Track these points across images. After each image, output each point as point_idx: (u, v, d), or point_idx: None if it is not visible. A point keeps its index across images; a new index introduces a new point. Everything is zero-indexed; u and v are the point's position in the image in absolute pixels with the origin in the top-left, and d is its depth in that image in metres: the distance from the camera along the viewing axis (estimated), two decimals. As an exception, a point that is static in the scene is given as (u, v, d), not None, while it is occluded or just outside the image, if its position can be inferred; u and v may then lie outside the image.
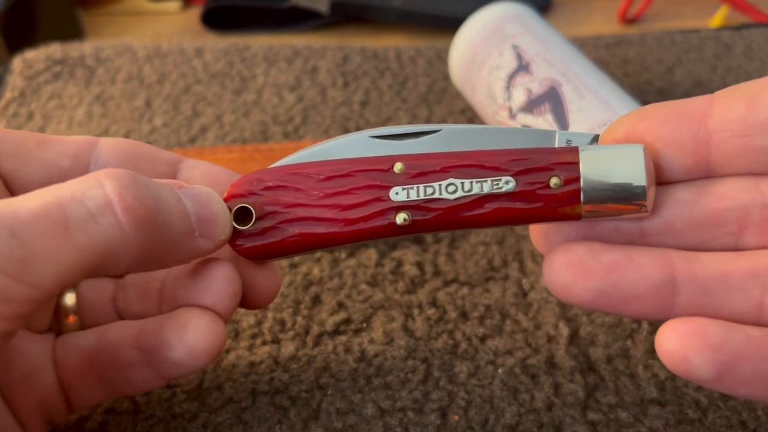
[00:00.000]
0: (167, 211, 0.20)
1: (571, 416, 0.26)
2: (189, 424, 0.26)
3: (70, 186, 0.19)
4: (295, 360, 0.28)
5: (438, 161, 0.22)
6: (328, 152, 0.23)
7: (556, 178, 0.21)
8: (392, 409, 0.26)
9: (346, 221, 0.22)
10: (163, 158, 0.25)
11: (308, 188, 0.22)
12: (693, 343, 0.19)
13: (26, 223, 0.18)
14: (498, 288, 0.31)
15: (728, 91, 0.21)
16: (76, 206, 0.19)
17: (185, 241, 0.21)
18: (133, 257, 0.20)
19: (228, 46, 0.47)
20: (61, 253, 0.18)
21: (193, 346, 0.22)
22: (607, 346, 0.28)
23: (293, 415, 0.26)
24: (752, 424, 0.25)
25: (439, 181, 0.22)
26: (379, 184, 0.22)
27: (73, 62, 0.46)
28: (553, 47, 0.35)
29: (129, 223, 0.19)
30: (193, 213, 0.21)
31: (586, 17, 0.56)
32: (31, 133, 0.24)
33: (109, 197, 0.19)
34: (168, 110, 0.42)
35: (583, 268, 0.21)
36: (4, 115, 0.42)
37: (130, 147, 0.24)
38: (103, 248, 0.19)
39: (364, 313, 0.30)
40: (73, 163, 0.23)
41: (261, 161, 0.36)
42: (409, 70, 0.45)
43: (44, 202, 0.18)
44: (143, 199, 0.20)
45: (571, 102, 0.32)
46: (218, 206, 0.22)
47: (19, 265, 0.18)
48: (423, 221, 0.22)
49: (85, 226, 0.19)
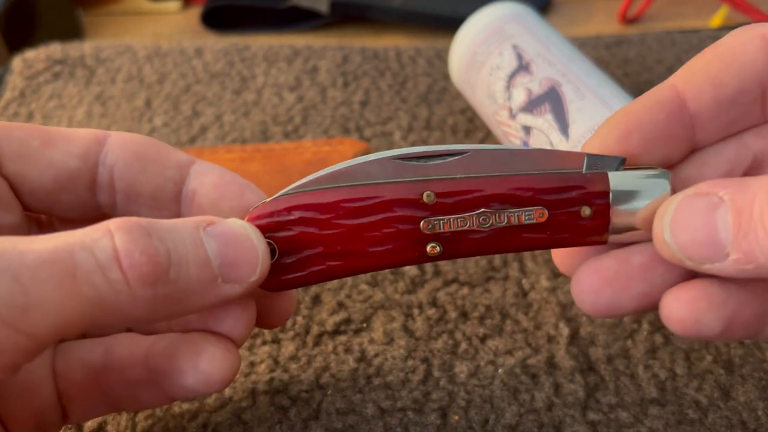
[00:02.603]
0: (182, 263, 0.19)
1: (571, 416, 0.26)
2: (189, 424, 0.26)
3: (80, 234, 0.18)
4: (295, 360, 0.28)
5: (470, 191, 0.21)
6: (351, 175, 0.21)
7: (587, 209, 0.21)
8: (392, 409, 0.26)
9: (374, 254, 0.21)
10: (174, 160, 0.23)
11: (333, 220, 0.21)
12: (701, 306, 0.21)
13: (32, 268, 0.17)
14: (498, 288, 0.31)
15: (688, 75, 0.22)
16: (86, 255, 0.17)
17: (206, 290, 0.20)
18: (142, 312, 0.19)
19: (228, 46, 0.47)
20: (63, 304, 0.17)
21: (207, 374, 0.22)
22: (607, 346, 0.28)
23: (293, 415, 0.26)
24: (752, 424, 0.25)
25: (471, 211, 0.21)
26: (409, 215, 0.21)
27: (73, 62, 0.46)
28: (553, 47, 0.35)
29: (134, 280, 0.18)
30: (218, 257, 0.20)
31: (586, 17, 0.56)
32: (37, 128, 0.22)
33: (117, 251, 0.18)
34: (168, 110, 0.42)
35: (622, 280, 0.22)
36: (4, 115, 0.42)
37: (138, 147, 0.23)
38: (108, 303, 0.18)
39: (364, 313, 0.30)
40: (81, 163, 0.22)
41: (261, 161, 0.36)
42: (409, 70, 0.45)
43: (53, 247, 0.17)
44: (153, 255, 0.18)
45: (571, 102, 0.32)
46: (251, 246, 0.20)
47: (19, 312, 0.16)
48: (454, 250, 0.22)
49: (93, 278, 0.17)
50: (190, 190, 0.23)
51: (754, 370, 0.27)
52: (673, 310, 0.21)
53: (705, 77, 0.22)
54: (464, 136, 0.39)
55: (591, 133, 0.31)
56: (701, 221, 0.20)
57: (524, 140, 0.33)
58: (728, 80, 0.21)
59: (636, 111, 0.22)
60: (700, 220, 0.20)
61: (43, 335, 0.17)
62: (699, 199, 0.20)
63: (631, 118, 0.22)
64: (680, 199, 0.20)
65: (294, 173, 0.35)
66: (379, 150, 0.39)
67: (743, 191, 0.19)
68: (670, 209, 0.20)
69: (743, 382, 0.27)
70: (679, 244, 0.20)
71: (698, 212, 0.20)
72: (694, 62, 0.22)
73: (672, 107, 0.22)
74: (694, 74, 0.22)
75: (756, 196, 0.19)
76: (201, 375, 0.21)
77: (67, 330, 0.18)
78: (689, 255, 0.20)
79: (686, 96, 0.22)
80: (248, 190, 0.23)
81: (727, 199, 0.19)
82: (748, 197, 0.19)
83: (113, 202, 0.23)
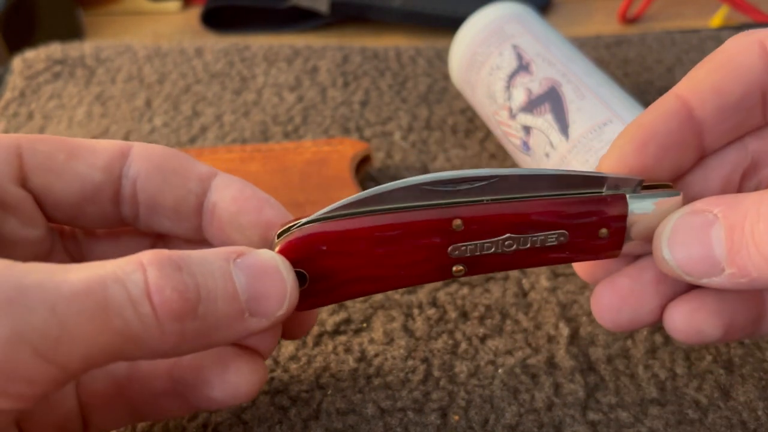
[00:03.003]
0: (210, 298, 0.19)
1: (571, 416, 0.26)
2: (189, 424, 0.26)
3: (113, 265, 0.18)
4: (295, 360, 0.28)
5: (496, 218, 0.21)
6: (378, 201, 0.21)
7: (604, 230, 0.22)
8: (392, 409, 0.26)
9: (403, 276, 0.22)
10: (196, 173, 0.23)
11: (364, 248, 0.21)
12: (700, 316, 0.22)
13: (67, 299, 0.17)
14: (498, 288, 0.31)
15: (692, 84, 0.23)
16: (118, 288, 0.17)
17: (232, 325, 0.20)
18: (169, 347, 0.19)
19: (228, 46, 0.47)
20: (95, 336, 0.17)
21: (235, 387, 0.22)
22: (607, 346, 0.28)
23: (293, 415, 0.26)
24: (752, 424, 0.25)
25: (496, 237, 0.22)
26: (437, 242, 0.21)
27: (73, 62, 0.46)
28: (553, 47, 0.35)
29: (164, 316, 0.18)
30: (246, 290, 0.20)
31: (586, 17, 0.56)
32: (62, 140, 0.22)
33: (149, 286, 0.18)
34: (168, 110, 0.42)
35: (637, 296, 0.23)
36: (4, 115, 0.42)
37: (161, 160, 0.23)
38: (137, 336, 0.18)
39: (364, 313, 0.30)
40: (105, 175, 0.22)
41: (261, 161, 0.36)
42: (409, 70, 0.45)
43: (87, 278, 0.17)
44: (184, 291, 0.18)
45: (571, 102, 0.32)
46: (279, 279, 0.20)
47: (52, 344, 0.16)
48: (477, 270, 0.22)
49: (124, 312, 0.17)
50: (212, 202, 0.23)
51: (754, 370, 0.27)
52: (676, 322, 0.23)
53: (709, 86, 0.22)
54: (464, 136, 0.39)
55: (591, 133, 0.31)
56: (697, 238, 0.20)
57: (524, 140, 0.34)
58: (731, 88, 0.22)
59: (649, 122, 0.22)
60: (696, 238, 0.20)
61: (73, 367, 0.17)
62: (695, 216, 0.21)
63: (645, 130, 0.22)
64: (677, 218, 0.21)
65: (294, 173, 0.35)
66: (379, 150, 0.39)
67: (735, 208, 0.20)
68: (668, 227, 0.21)
69: (743, 382, 0.27)
70: (677, 260, 0.21)
71: (694, 230, 0.21)
72: (697, 72, 0.23)
73: (681, 116, 0.22)
74: (698, 83, 0.22)
75: (747, 213, 0.19)
76: (228, 387, 0.22)
77: (96, 361, 0.18)
78: (687, 271, 0.21)
79: (692, 105, 0.22)
80: (267, 204, 0.23)
81: (720, 216, 0.20)
82: (740, 214, 0.20)
83: (136, 213, 0.23)
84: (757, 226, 0.19)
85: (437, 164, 0.38)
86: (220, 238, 0.23)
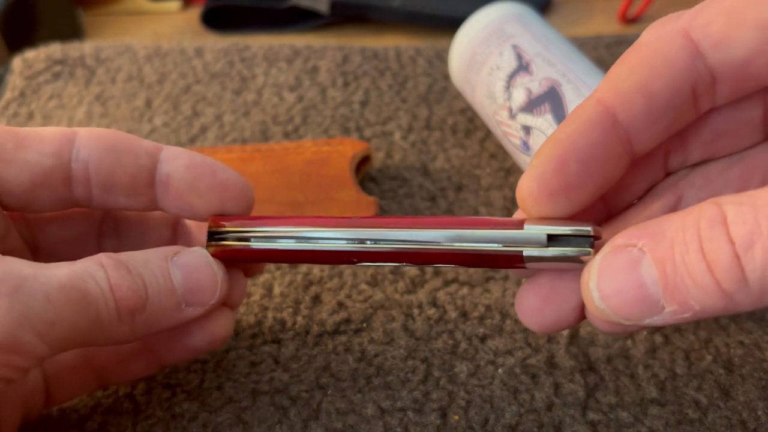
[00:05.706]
0: (155, 294, 0.22)
1: (571, 416, 0.26)
2: (189, 424, 0.26)
3: (82, 264, 0.21)
4: (295, 360, 0.28)
5: (393, 257, 0.23)
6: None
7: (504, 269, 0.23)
8: (392, 409, 0.26)
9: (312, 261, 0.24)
10: (144, 149, 0.24)
11: (276, 259, 0.24)
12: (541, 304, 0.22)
13: (58, 290, 0.20)
14: (498, 288, 0.31)
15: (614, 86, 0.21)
16: (94, 284, 0.21)
17: (171, 315, 0.23)
18: (123, 335, 0.22)
19: (228, 46, 0.47)
20: (76, 322, 0.20)
21: (213, 334, 0.24)
22: (607, 346, 0.28)
23: (293, 415, 0.26)
24: (752, 424, 0.25)
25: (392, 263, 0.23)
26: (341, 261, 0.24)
27: (73, 62, 0.46)
28: (553, 47, 0.35)
29: (122, 309, 0.21)
30: (181, 285, 0.23)
31: (586, 17, 0.56)
32: (9, 130, 0.23)
33: (111, 284, 0.21)
34: (168, 110, 0.42)
35: (558, 294, 0.22)
36: (4, 115, 0.42)
37: (109, 140, 0.24)
38: (104, 325, 0.21)
39: (364, 313, 0.30)
40: (55, 160, 0.23)
41: (261, 161, 0.36)
42: (409, 70, 0.45)
43: (69, 273, 0.20)
44: (136, 290, 0.21)
45: (571, 102, 0.32)
46: (210, 273, 0.23)
47: (48, 327, 0.19)
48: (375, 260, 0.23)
49: (98, 303, 0.21)
50: (164, 174, 0.24)
51: (754, 370, 0.27)
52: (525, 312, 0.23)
53: (632, 86, 0.20)
54: (464, 136, 0.39)
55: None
56: (628, 279, 0.18)
57: (524, 140, 0.34)
58: (657, 87, 0.20)
59: (567, 136, 0.20)
60: (626, 279, 0.18)
61: (56, 347, 0.20)
62: (619, 255, 0.19)
63: (563, 145, 0.20)
64: (600, 260, 0.19)
65: (294, 173, 0.35)
66: (379, 150, 0.39)
67: (660, 240, 0.18)
68: (593, 273, 0.19)
69: (743, 382, 0.27)
70: (611, 308, 0.19)
71: (621, 270, 0.18)
72: (618, 70, 0.21)
73: (604, 124, 0.20)
74: (620, 84, 0.20)
75: (674, 243, 0.17)
76: (207, 335, 0.24)
77: (72, 344, 0.21)
78: (625, 316, 0.19)
79: (615, 110, 0.20)
80: (218, 168, 0.24)
81: (647, 250, 0.18)
82: (666, 245, 0.18)
83: (89, 194, 0.24)
84: (687, 256, 0.17)
85: (437, 164, 0.38)
86: (179, 205, 0.24)
